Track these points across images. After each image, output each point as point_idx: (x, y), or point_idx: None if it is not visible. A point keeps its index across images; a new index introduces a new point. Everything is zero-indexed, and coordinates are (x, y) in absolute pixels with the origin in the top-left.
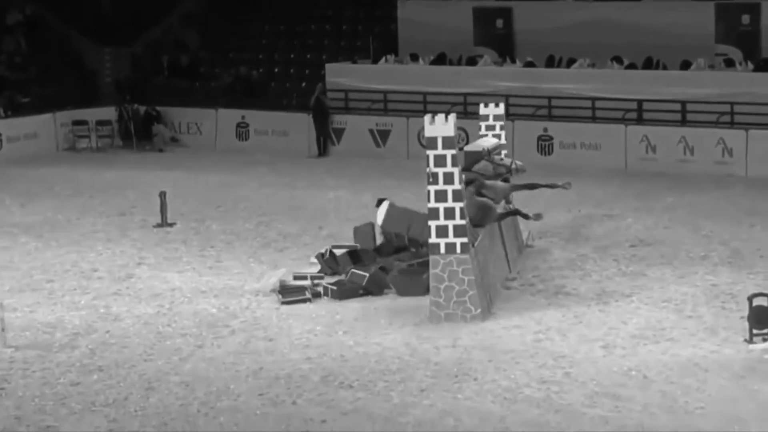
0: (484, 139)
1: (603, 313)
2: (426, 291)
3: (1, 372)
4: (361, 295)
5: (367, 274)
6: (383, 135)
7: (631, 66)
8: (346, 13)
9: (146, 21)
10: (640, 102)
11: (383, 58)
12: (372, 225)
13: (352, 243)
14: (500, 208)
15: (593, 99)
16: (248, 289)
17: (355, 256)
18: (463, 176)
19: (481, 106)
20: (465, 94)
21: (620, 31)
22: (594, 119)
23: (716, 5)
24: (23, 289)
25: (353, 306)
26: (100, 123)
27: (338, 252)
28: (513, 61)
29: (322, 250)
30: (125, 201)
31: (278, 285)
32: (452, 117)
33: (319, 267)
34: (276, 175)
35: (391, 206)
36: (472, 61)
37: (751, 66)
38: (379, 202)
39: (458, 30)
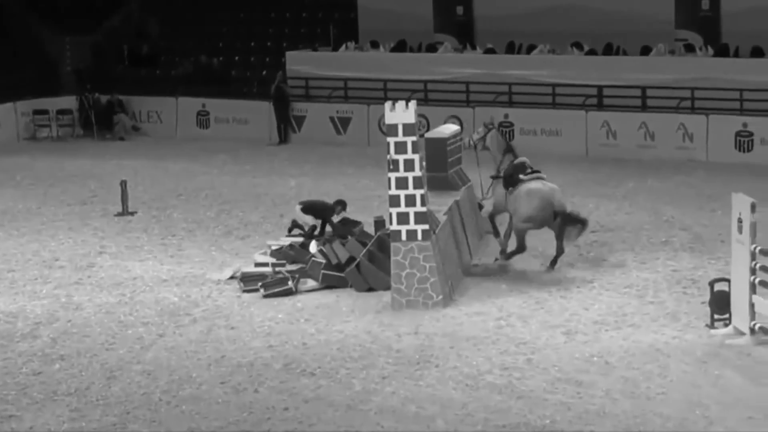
0: (445, 126)
1: (565, 300)
2: (388, 286)
3: None
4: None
5: (324, 261)
6: (344, 122)
7: (592, 52)
8: (306, 0)
9: (106, 10)
10: (600, 88)
11: (343, 46)
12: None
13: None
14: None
15: (553, 85)
16: (210, 277)
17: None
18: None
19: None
20: (425, 81)
21: (580, 17)
22: (554, 105)
23: None
24: None
25: (315, 294)
26: (61, 112)
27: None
28: (473, 48)
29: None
30: (86, 190)
31: (240, 273)
32: (413, 104)
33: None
34: (237, 163)
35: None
36: (432, 48)
37: (711, 51)
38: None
39: (418, 17)
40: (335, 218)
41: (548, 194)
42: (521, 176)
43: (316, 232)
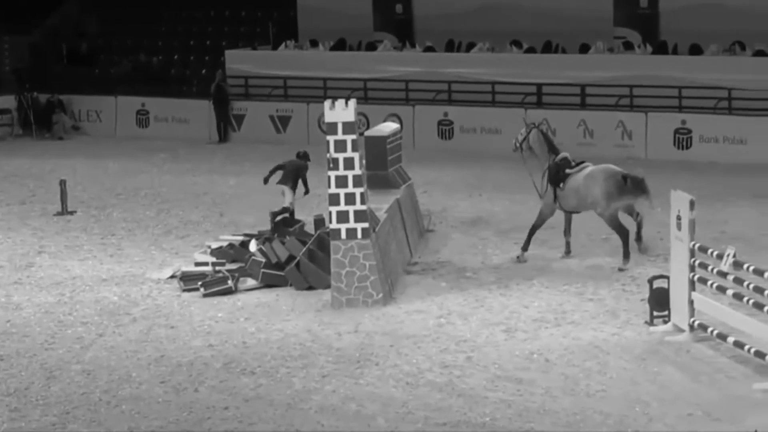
0: (385, 124)
1: (504, 297)
2: (328, 285)
3: None
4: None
5: (264, 260)
6: (284, 121)
7: (531, 50)
8: None
9: (45, 9)
10: (539, 86)
11: (283, 44)
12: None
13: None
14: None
15: (493, 83)
16: (150, 277)
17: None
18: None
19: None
20: (365, 80)
21: (519, 16)
22: (494, 103)
23: None
24: None
25: (255, 293)
26: None
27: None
28: (413, 47)
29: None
30: (25, 190)
31: (180, 272)
32: (352, 102)
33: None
34: (176, 162)
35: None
36: (371, 47)
37: (649, 49)
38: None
39: (358, 16)
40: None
41: (606, 167)
42: (567, 170)
43: (292, 204)
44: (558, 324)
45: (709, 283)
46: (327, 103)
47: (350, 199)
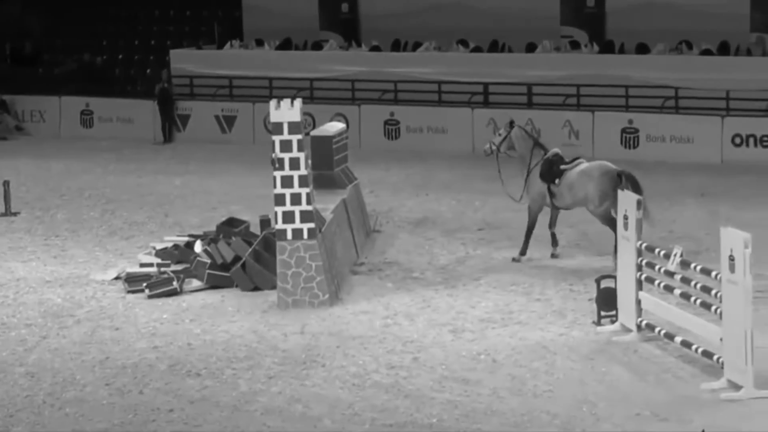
0: (331, 124)
1: (451, 297)
2: (274, 285)
3: None
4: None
5: (209, 261)
6: (229, 121)
7: (477, 49)
8: None
9: None
10: (486, 85)
11: (228, 44)
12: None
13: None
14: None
15: (439, 82)
16: (95, 278)
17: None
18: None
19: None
20: (311, 79)
21: (466, 15)
22: (440, 103)
23: None
24: None
25: (200, 294)
26: None
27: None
28: (359, 46)
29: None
30: None
31: (124, 273)
32: (298, 102)
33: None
34: (121, 162)
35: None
36: (317, 46)
37: (596, 48)
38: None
39: (303, 15)
40: None
41: (601, 164)
42: (562, 166)
43: None
44: (505, 324)
45: (657, 282)
46: (272, 102)
47: (296, 199)
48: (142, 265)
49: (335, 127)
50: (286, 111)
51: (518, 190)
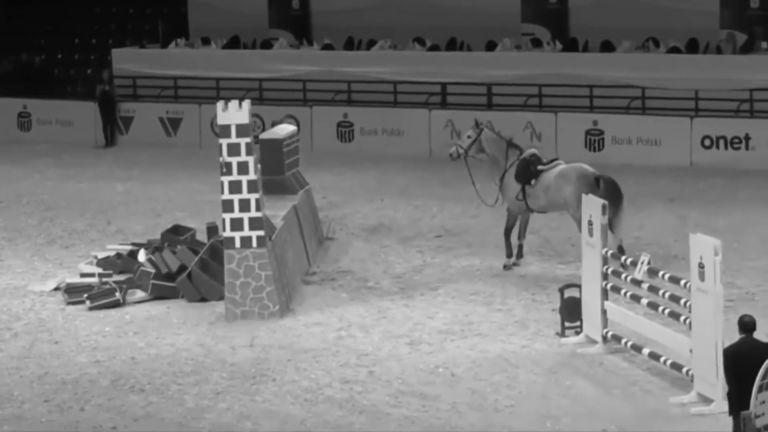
0: (281, 126)
1: (408, 308)
2: (221, 296)
3: None
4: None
5: (153, 271)
6: (174, 123)
7: (434, 47)
8: None
9: None
10: (444, 85)
11: (173, 42)
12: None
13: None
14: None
15: (395, 82)
16: (33, 289)
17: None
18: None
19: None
20: (260, 80)
21: (422, 12)
22: (396, 104)
23: None
24: None
25: (144, 305)
26: None
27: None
28: (310, 44)
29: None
30: None
31: (64, 284)
32: (246, 103)
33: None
34: (60, 167)
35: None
36: (267, 45)
37: (559, 46)
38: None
39: (252, 12)
40: None
41: (579, 167)
42: (539, 167)
43: None
44: (464, 336)
45: (623, 291)
46: (220, 104)
47: (245, 205)
48: (83, 275)
49: (286, 129)
50: (234, 113)
51: (491, 195)
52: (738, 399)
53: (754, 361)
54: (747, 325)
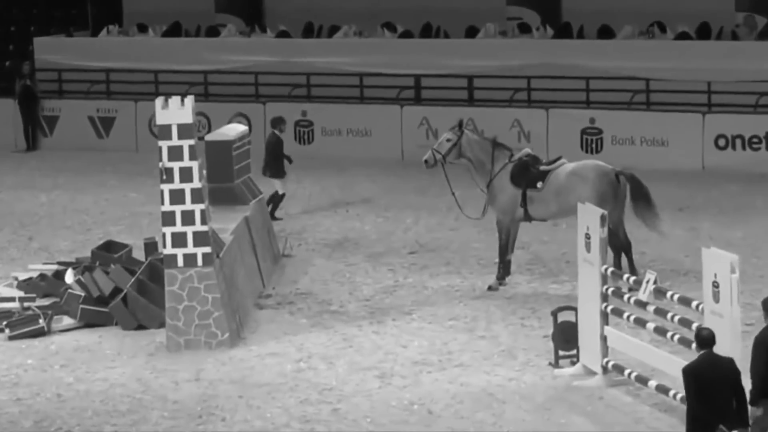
0: (231, 126)
1: (378, 336)
2: (162, 323)
3: None
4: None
5: (83, 294)
6: (106, 123)
7: (407, 34)
8: None
9: None
10: (417, 77)
11: (105, 30)
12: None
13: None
14: None
15: (361, 75)
16: None
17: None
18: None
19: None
20: (205, 72)
21: None
22: (362, 99)
23: None
24: None
25: (72, 334)
26: None
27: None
28: (263, 31)
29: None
30: None
31: None
32: (190, 100)
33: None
34: None
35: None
36: (213, 32)
37: (550, 32)
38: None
39: None
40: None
41: (596, 164)
42: (542, 167)
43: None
44: (443, 367)
45: (626, 315)
46: (159, 100)
47: (188, 218)
48: (2, 299)
49: (235, 129)
50: (176, 111)
51: (474, 204)
52: (702, 421)
53: (717, 379)
54: (705, 339)
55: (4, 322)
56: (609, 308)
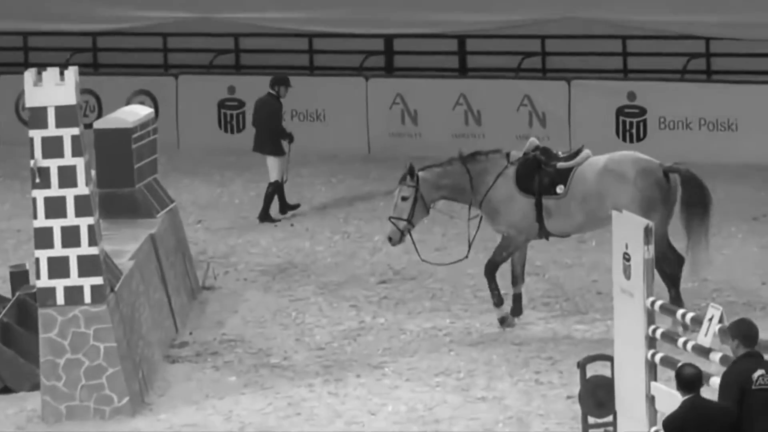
0: (130, 108)
1: (337, 398)
2: (36, 383)
3: None
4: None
5: None
6: None
7: None
8: None
9: None
10: (389, 38)
11: None
12: None
13: None
14: None
15: (310, 36)
16: None
17: None
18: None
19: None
20: (94, 34)
21: None
22: (312, 70)
23: None
24: None
25: None
26: None
27: None
28: None
29: None
30: None
31: None
32: (72, 72)
33: None
34: None
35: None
36: None
37: None
38: None
39: None
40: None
41: (634, 156)
42: (560, 164)
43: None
44: None
45: None
46: (29, 73)
47: (71, 237)
48: None
49: (136, 113)
50: (53, 87)
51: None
52: None
53: (707, 429)
54: (689, 380)
55: None
56: (658, 357)
